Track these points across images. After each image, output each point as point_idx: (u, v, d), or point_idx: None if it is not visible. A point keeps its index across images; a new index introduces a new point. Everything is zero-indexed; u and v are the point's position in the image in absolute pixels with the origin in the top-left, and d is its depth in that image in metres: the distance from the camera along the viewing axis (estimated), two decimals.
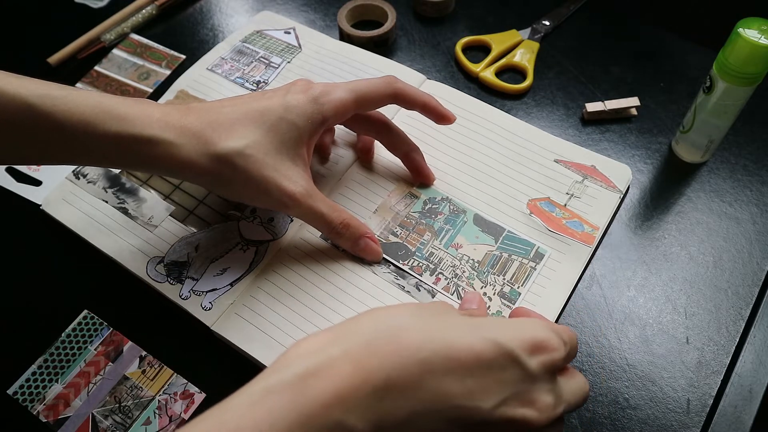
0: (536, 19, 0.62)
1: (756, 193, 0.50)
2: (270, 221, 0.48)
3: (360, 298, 0.44)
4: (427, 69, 0.59)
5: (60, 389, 0.42)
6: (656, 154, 0.53)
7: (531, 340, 0.30)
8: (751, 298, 0.45)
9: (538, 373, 0.30)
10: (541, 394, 0.30)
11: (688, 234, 0.48)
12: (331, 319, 0.43)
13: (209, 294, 0.44)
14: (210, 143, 0.39)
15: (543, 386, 0.30)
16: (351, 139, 0.52)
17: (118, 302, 0.46)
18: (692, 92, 0.49)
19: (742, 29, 0.42)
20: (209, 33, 0.63)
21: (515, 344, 0.30)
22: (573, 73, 0.59)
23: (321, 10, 0.65)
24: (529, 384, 0.30)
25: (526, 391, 0.30)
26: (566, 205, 0.48)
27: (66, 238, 0.49)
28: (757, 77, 0.44)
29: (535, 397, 0.30)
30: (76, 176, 0.51)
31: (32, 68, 0.60)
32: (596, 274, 0.46)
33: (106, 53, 0.62)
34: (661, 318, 0.44)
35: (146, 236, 0.47)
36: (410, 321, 0.30)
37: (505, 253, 0.46)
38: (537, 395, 0.30)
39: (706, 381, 0.42)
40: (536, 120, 0.55)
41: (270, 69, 0.58)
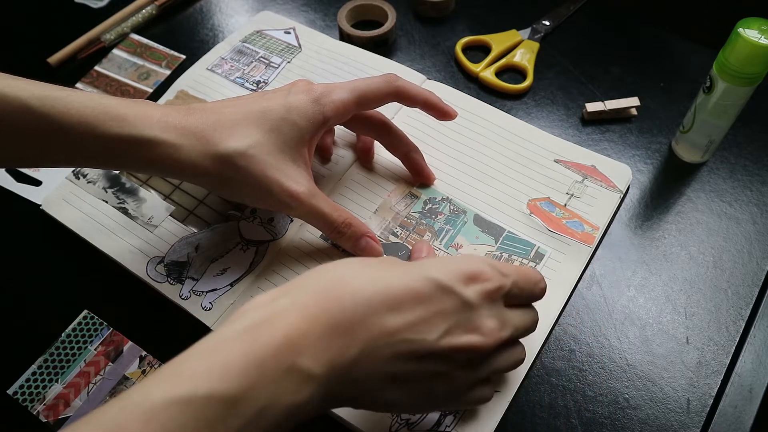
0: (536, 19, 0.62)
1: (756, 193, 0.50)
2: (270, 221, 0.48)
3: None
4: (427, 69, 0.59)
5: (60, 389, 0.42)
6: (656, 154, 0.53)
7: (465, 272, 0.32)
8: (751, 298, 0.45)
9: (476, 301, 0.32)
10: (483, 319, 0.32)
11: (688, 234, 0.48)
12: None
13: (209, 294, 0.44)
14: (211, 144, 0.39)
15: (483, 312, 0.33)
16: (351, 139, 0.52)
17: (118, 302, 0.46)
18: (692, 92, 0.49)
19: (742, 29, 0.42)
20: (209, 33, 0.63)
21: (450, 277, 0.32)
22: (573, 73, 0.59)
23: (321, 10, 0.65)
24: (469, 312, 0.32)
25: (467, 319, 0.32)
26: (566, 205, 0.48)
27: (66, 238, 0.49)
28: (757, 77, 0.44)
29: (478, 323, 0.32)
30: (76, 176, 0.51)
31: (32, 68, 0.60)
32: (596, 274, 0.46)
33: (106, 53, 0.62)
34: (661, 318, 0.44)
35: (146, 236, 0.47)
36: (353, 271, 0.32)
37: (506, 253, 0.46)
38: (479, 321, 0.32)
39: (706, 381, 0.42)
40: (536, 120, 0.55)
41: (270, 69, 0.58)
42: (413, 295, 0.31)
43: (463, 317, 0.32)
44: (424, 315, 0.31)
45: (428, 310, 0.31)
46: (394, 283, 0.31)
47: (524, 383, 0.41)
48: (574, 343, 0.43)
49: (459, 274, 0.32)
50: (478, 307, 0.32)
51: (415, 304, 0.31)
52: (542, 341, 0.43)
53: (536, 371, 0.42)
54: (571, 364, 0.42)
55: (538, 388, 0.42)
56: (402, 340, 0.31)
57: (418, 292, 0.31)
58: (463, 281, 0.32)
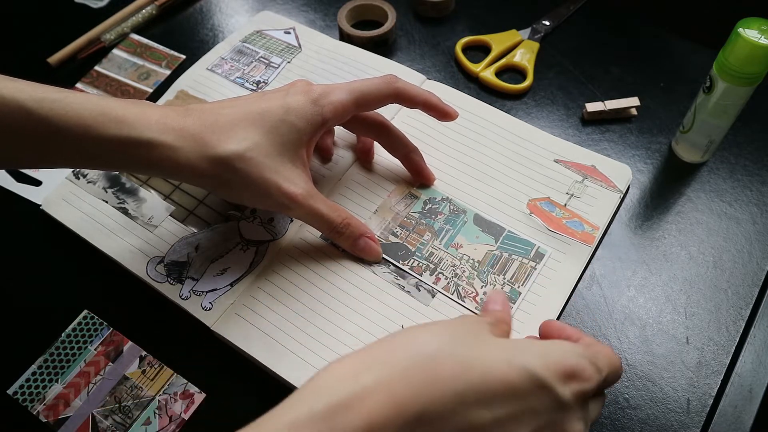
0: (536, 19, 0.62)
1: (756, 193, 0.50)
2: (270, 221, 0.48)
3: (360, 298, 0.44)
4: (427, 69, 0.59)
5: (60, 389, 0.42)
6: (656, 154, 0.53)
7: (565, 368, 0.30)
8: (751, 298, 0.45)
9: (570, 401, 0.29)
10: (573, 422, 0.30)
11: (688, 234, 0.48)
12: (332, 319, 0.43)
13: (209, 294, 0.44)
14: (210, 146, 0.39)
15: (574, 415, 0.30)
16: (351, 139, 0.52)
17: (118, 302, 0.46)
18: (692, 92, 0.49)
19: (742, 29, 0.42)
20: (209, 33, 0.63)
21: (549, 373, 0.29)
22: (573, 73, 0.59)
23: (321, 10, 0.65)
24: (561, 413, 0.29)
25: (557, 421, 0.29)
26: (566, 205, 0.48)
27: (66, 238, 0.49)
28: (757, 77, 0.44)
29: (567, 426, 0.30)
30: (76, 176, 0.51)
31: (32, 68, 0.60)
32: (596, 274, 0.46)
33: (106, 53, 0.62)
34: (661, 318, 0.44)
35: (146, 236, 0.47)
36: (445, 347, 0.29)
37: (505, 252, 0.46)
38: (568, 425, 0.30)
39: (706, 381, 0.42)
40: (536, 120, 0.55)
41: (270, 69, 0.58)
42: (509, 389, 0.28)
43: (553, 417, 0.29)
44: (515, 412, 0.28)
45: (520, 407, 0.28)
46: (491, 373, 0.28)
47: None
48: None
49: (559, 369, 0.30)
50: (571, 409, 0.30)
51: (509, 399, 0.28)
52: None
53: None
54: None
55: None
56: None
57: (514, 387, 0.28)
58: (562, 378, 0.29)
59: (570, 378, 0.30)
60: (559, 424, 0.30)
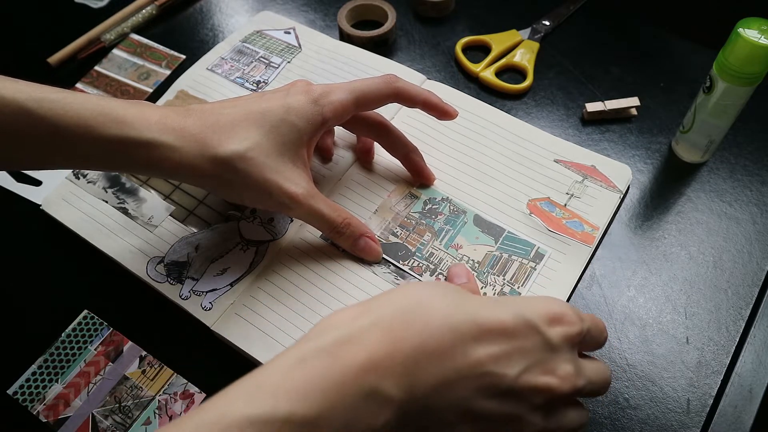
0: (536, 19, 0.62)
1: (756, 193, 0.50)
2: (270, 221, 0.48)
3: (360, 298, 0.44)
4: (427, 69, 0.59)
5: (60, 389, 0.42)
6: (656, 154, 0.53)
7: (549, 314, 0.32)
8: (751, 298, 0.45)
9: (558, 342, 0.31)
10: (561, 363, 0.31)
11: (688, 234, 0.48)
12: None
13: (209, 294, 0.44)
14: (210, 146, 0.39)
15: (563, 356, 0.32)
16: (351, 139, 0.52)
17: (118, 302, 0.46)
18: (692, 92, 0.49)
19: (742, 29, 0.42)
20: (209, 33, 0.63)
21: (536, 315, 0.31)
22: (573, 73, 0.59)
23: (321, 10, 0.65)
24: (550, 353, 0.31)
25: (547, 360, 0.31)
26: (566, 205, 0.48)
27: (66, 238, 0.49)
28: (757, 77, 0.44)
29: (556, 365, 0.31)
30: (76, 176, 0.51)
31: (32, 68, 0.60)
32: (596, 274, 0.46)
33: (106, 53, 0.62)
34: (661, 318, 0.44)
35: (146, 236, 0.47)
36: (438, 295, 0.31)
37: (505, 253, 0.46)
38: (557, 364, 0.31)
39: (706, 381, 0.42)
40: (536, 120, 0.55)
41: (270, 69, 0.58)
42: (501, 327, 0.30)
43: (543, 357, 0.31)
44: (509, 349, 0.30)
45: (512, 345, 0.30)
46: (483, 313, 0.31)
47: None
48: None
49: (545, 314, 0.32)
50: (559, 350, 0.31)
51: (502, 337, 0.30)
52: None
53: None
54: None
55: None
56: (484, 373, 0.30)
57: (506, 326, 0.30)
58: (548, 322, 0.31)
59: (556, 322, 0.32)
60: (548, 364, 0.31)
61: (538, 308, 0.32)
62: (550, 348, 0.31)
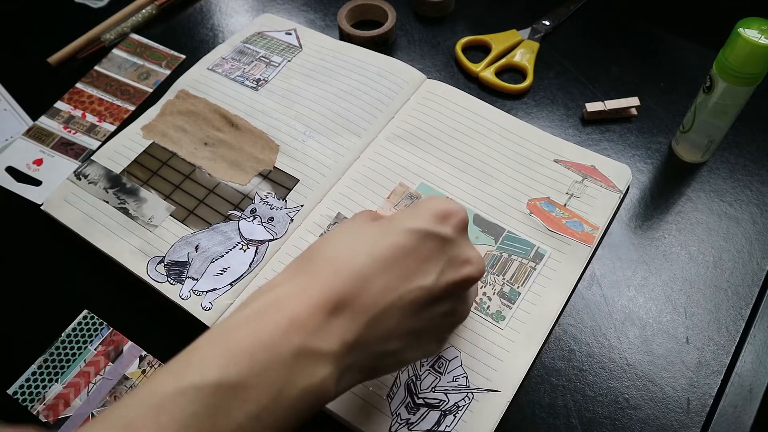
0: (536, 19, 0.62)
1: (756, 193, 0.50)
2: (270, 221, 0.48)
3: None
4: (427, 69, 0.59)
5: (60, 389, 0.42)
6: (656, 154, 0.53)
7: (437, 212, 0.33)
8: (751, 298, 0.45)
9: (454, 235, 0.33)
10: (467, 251, 0.34)
11: (688, 234, 0.48)
12: None
13: (209, 294, 0.44)
14: None
15: (463, 244, 0.34)
16: (355, 129, 0.52)
17: (118, 302, 0.46)
18: (692, 92, 0.49)
19: (742, 29, 0.42)
20: (209, 33, 0.63)
21: (424, 222, 0.33)
22: (573, 73, 0.59)
23: (321, 10, 0.65)
24: (453, 247, 0.33)
25: (455, 255, 0.33)
26: (566, 205, 0.48)
27: (66, 238, 0.49)
28: (757, 77, 0.44)
29: (465, 255, 0.34)
30: (77, 177, 0.51)
31: (32, 68, 0.60)
32: (596, 274, 0.46)
33: (106, 53, 0.62)
34: (661, 318, 0.44)
35: (146, 236, 0.47)
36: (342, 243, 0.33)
37: (505, 253, 0.46)
38: (465, 253, 0.34)
39: (706, 381, 0.42)
40: (536, 120, 0.55)
41: (270, 68, 0.58)
42: (399, 249, 0.32)
43: (450, 254, 0.33)
44: (415, 264, 0.32)
45: (417, 259, 0.32)
46: (380, 246, 0.32)
47: (524, 383, 0.41)
48: (574, 343, 0.43)
49: (432, 215, 0.33)
50: (458, 240, 0.33)
51: (404, 258, 0.32)
52: (542, 341, 0.43)
53: (536, 371, 0.42)
54: (571, 364, 0.42)
55: (538, 388, 0.42)
56: (403, 294, 0.31)
57: (404, 246, 0.32)
58: (438, 221, 0.33)
59: (444, 218, 0.33)
60: (457, 258, 0.33)
61: (423, 215, 0.33)
62: (451, 243, 0.33)
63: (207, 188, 0.50)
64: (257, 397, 0.27)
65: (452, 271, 0.33)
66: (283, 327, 0.28)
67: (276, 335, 0.28)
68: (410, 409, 0.40)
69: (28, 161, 0.54)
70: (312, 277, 0.31)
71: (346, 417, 0.39)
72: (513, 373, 0.41)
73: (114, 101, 0.58)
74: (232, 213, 0.48)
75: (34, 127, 0.56)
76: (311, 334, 0.28)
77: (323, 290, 0.30)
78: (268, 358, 0.27)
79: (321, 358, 0.29)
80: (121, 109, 0.57)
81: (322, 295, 0.30)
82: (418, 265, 0.32)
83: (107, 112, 0.57)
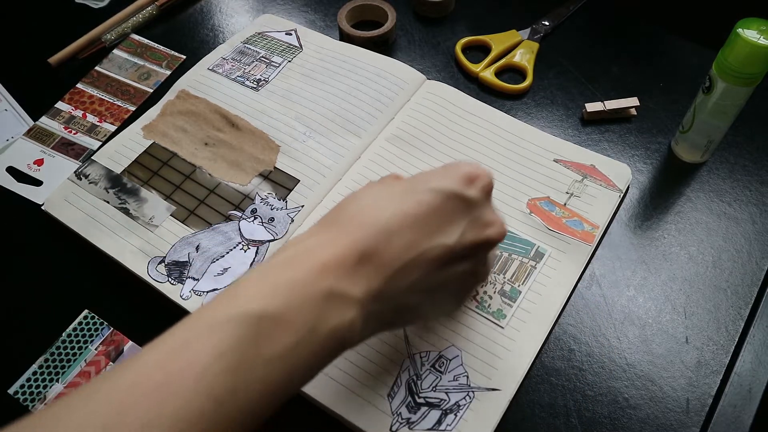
0: (536, 19, 0.62)
1: (755, 193, 0.50)
2: (271, 221, 0.48)
3: None
4: (427, 69, 0.60)
5: (61, 389, 0.42)
6: (656, 154, 0.53)
7: (464, 175, 0.34)
8: (750, 298, 0.45)
9: (479, 198, 0.35)
10: (490, 214, 0.36)
11: (688, 234, 0.48)
12: None
13: (210, 294, 0.44)
14: None
15: (487, 207, 0.36)
16: (356, 130, 0.52)
17: (118, 302, 0.46)
18: (692, 92, 0.50)
19: (741, 29, 0.42)
20: (209, 33, 0.64)
21: (453, 182, 0.34)
22: (573, 73, 0.59)
23: (321, 10, 0.65)
24: (477, 209, 0.34)
25: (477, 216, 0.35)
26: (566, 204, 0.48)
27: (67, 238, 0.49)
28: (757, 77, 0.44)
29: (487, 218, 0.35)
30: (78, 177, 0.51)
31: (32, 68, 0.60)
32: (596, 274, 0.46)
33: (106, 53, 0.62)
34: (661, 318, 0.44)
35: (147, 236, 0.47)
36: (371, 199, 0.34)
37: (505, 252, 0.46)
38: (488, 216, 0.35)
39: (705, 380, 0.42)
40: (536, 120, 0.55)
41: (271, 68, 0.58)
42: (424, 208, 0.33)
43: (473, 216, 0.34)
44: (439, 222, 0.33)
45: (441, 218, 0.33)
46: (405, 203, 0.33)
47: (524, 383, 0.42)
48: (573, 343, 0.43)
49: (460, 177, 0.34)
50: (482, 203, 0.35)
51: (428, 216, 0.33)
52: (542, 341, 0.43)
53: (536, 371, 0.42)
54: (571, 363, 0.43)
55: (538, 388, 0.42)
56: (425, 250, 0.32)
57: (429, 204, 0.33)
58: (465, 183, 0.34)
59: (470, 180, 0.34)
60: (480, 219, 0.35)
61: (451, 176, 0.34)
62: (475, 205, 0.34)
63: (207, 188, 0.50)
64: (295, 330, 0.29)
65: (474, 231, 0.34)
66: (316, 270, 0.30)
67: (309, 276, 0.30)
68: (411, 408, 0.40)
69: (28, 161, 0.54)
70: (340, 230, 0.32)
71: (347, 416, 0.39)
72: (514, 371, 0.41)
73: (114, 101, 0.58)
74: (232, 213, 0.49)
75: (34, 127, 0.56)
76: (341, 279, 0.30)
77: (350, 242, 0.31)
78: (303, 295, 0.29)
79: (349, 302, 0.30)
80: (122, 109, 0.58)
81: (350, 247, 0.31)
82: (442, 224, 0.33)
83: (108, 112, 0.57)
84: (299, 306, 0.29)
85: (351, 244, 0.31)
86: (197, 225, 0.48)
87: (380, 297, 0.32)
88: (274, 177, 0.51)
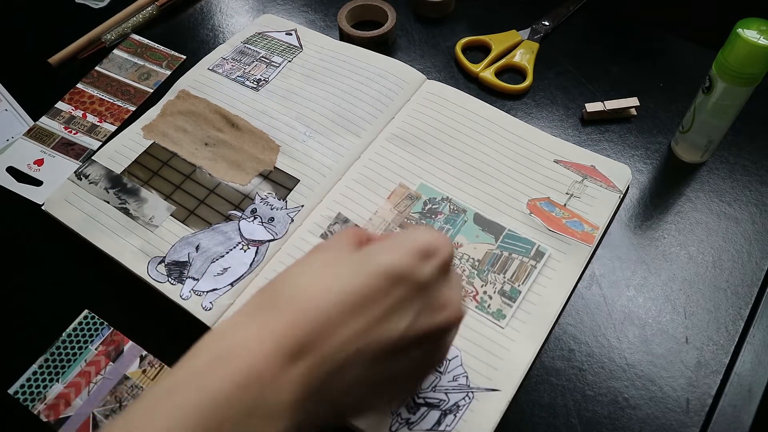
0: (536, 19, 0.62)
1: (755, 193, 0.50)
2: (271, 221, 0.48)
3: None
4: (427, 69, 0.60)
5: (61, 389, 0.42)
6: (656, 154, 0.53)
7: (418, 249, 0.30)
8: (750, 298, 0.45)
9: (433, 276, 0.30)
10: (446, 293, 0.31)
11: (688, 234, 0.48)
12: None
13: (210, 294, 0.45)
14: None
15: (444, 286, 0.31)
16: (355, 130, 0.52)
17: (118, 302, 0.46)
18: (692, 92, 0.50)
19: (741, 29, 0.42)
20: (210, 33, 0.64)
21: (402, 261, 0.30)
22: (573, 73, 0.59)
23: (321, 10, 0.65)
24: (431, 290, 0.30)
25: (431, 298, 0.30)
26: (566, 205, 0.48)
27: (67, 238, 0.49)
28: (757, 77, 0.44)
29: (443, 299, 0.31)
30: (78, 177, 0.51)
31: (32, 68, 0.60)
32: (596, 274, 0.46)
33: (106, 53, 0.62)
34: (661, 318, 0.44)
35: (147, 236, 0.48)
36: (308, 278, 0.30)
37: (506, 251, 0.46)
38: (443, 297, 0.31)
39: (705, 380, 0.42)
40: (536, 120, 0.55)
41: (271, 68, 0.58)
42: (368, 293, 0.29)
43: (426, 298, 0.30)
44: (386, 309, 0.29)
45: (387, 304, 0.29)
46: (347, 286, 0.29)
47: (524, 383, 0.42)
48: (573, 343, 0.43)
49: (414, 252, 0.30)
50: (437, 282, 0.31)
51: (373, 302, 0.29)
52: (544, 339, 0.43)
53: (536, 371, 0.42)
54: (571, 363, 0.43)
55: (537, 388, 0.42)
56: (371, 341, 0.29)
57: (373, 289, 0.29)
58: (417, 259, 0.30)
59: (426, 256, 0.30)
60: (436, 301, 0.30)
61: (404, 250, 0.30)
62: (428, 286, 0.30)
63: (207, 188, 0.50)
64: None
65: (427, 316, 0.30)
66: (240, 380, 0.26)
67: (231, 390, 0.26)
68: (410, 408, 0.40)
69: (28, 161, 0.54)
70: (274, 316, 0.28)
71: None
72: (514, 371, 0.41)
73: (114, 101, 0.58)
74: (232, 213, 0.49)
75: (34, 127, 0.56)
76: (266, 387, 0.26)
77: (284, 332, 0.28)
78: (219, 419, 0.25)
79: (276, 413, 0.26)
80: (122, 109, 0.58)
81: (283, 338, 0.27)
82: (390, 311, 0.29)
83: (108, 112, 0.57)
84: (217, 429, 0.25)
85: (285, 334, 0.27)
86: (197, 225, 0.48)
87: (316, 398, 0.28)
88: (274, 177, 0.51)
